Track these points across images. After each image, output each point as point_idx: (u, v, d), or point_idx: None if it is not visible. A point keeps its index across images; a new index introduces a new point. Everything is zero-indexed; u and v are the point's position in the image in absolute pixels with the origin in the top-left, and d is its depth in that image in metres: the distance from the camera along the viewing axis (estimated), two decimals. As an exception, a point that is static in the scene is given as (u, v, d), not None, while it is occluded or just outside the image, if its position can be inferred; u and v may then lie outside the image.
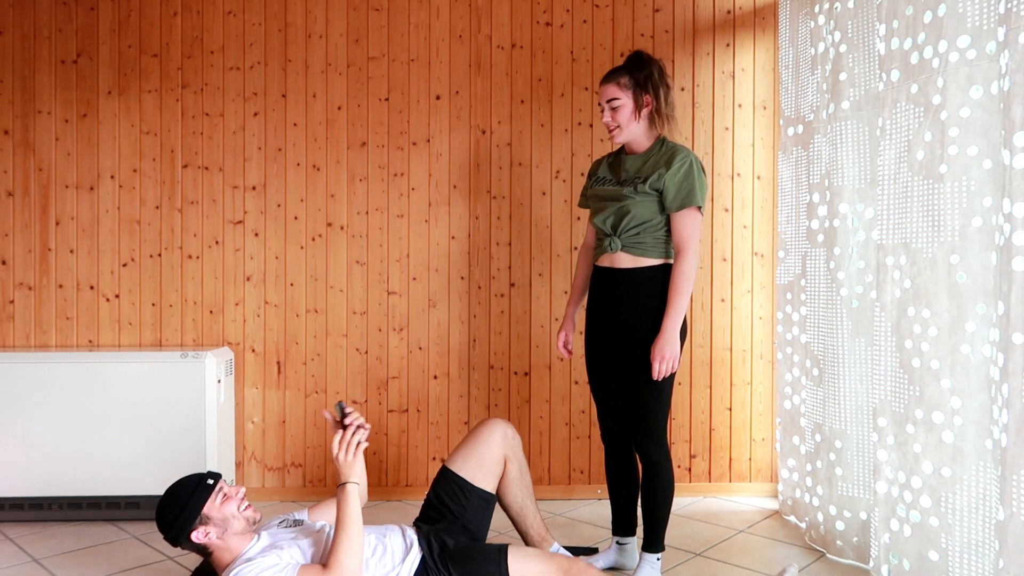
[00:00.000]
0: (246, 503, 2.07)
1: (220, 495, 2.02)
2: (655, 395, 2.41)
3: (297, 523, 2.21)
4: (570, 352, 2.72)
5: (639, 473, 2.59)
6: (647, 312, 2.40)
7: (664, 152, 2.44)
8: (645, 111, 2.45)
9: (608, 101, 2.46)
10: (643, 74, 2.44)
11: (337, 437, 2.04)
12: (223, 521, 2.00)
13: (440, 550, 2.12)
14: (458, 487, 2.34)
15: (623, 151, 2.57)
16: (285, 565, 1.92)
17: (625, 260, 2.45)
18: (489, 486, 2.38)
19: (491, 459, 2.38)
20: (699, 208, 2.40)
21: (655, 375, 2.34)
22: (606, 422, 2.60)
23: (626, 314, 2.44)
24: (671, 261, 2.43)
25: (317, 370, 3.46)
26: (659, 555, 2.49)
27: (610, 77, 2.47)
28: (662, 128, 2.47)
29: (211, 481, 2.04)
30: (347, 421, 2.08)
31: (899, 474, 2.25)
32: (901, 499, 2.25)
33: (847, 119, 2.62)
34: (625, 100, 2.44)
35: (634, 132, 2.48)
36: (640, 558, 2.52)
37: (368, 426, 2.10)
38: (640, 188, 2.40)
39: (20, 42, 3.40)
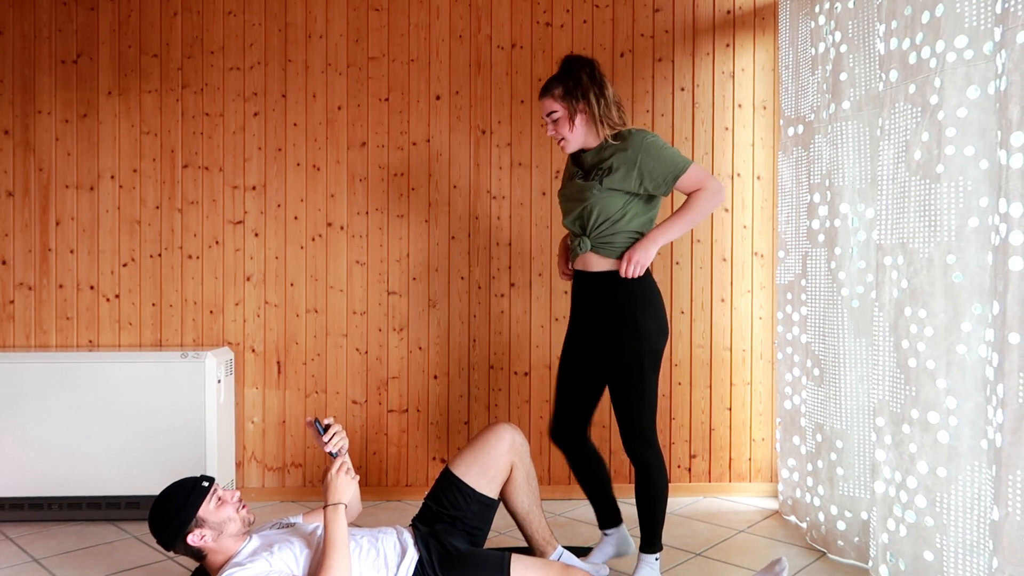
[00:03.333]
0: (242, 504, 2.07)
1: (215, 498, 2.02)
2: (637, 397, 2.40)
3: (290, 527, 2.19)
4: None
5: (604, 461, 2.62)
6: (623, 315, 2.39)
7: (619, 143, 2.40)
8: (582, 117, 2.41)
9: (548, 115, 2.44)
10: (572, 81, 2.40)
11: (338, 464, 2.05)
12: (218, 524, 2.00)
13: (440, 555, 2.11)
14: (459, 491, 2.32)
15: (582, 150, 2.53)
16: (277, 574, 1.92)
17: (596, 262, 2.44)
18: (492, 492, 2.35)
19: (496, 466, 2.35)
20: (690, 165, 2.38)
21: (621, 272, 2.35)
22: (559, 419, 2.58)
23: (602, 319, 2.43)
24: None
25: (317, 370, 3.46)
26: (657, 555, 2.49)
27: (545, 90, 2.44)
28: (600, 132, 2.41)
29: (206, 484, 2.04)
30: (326, 437, 2.11)
31: (896, 474, 2.25)
32: (898, 499, 2.24)
33: (848, 119, 2.62)
34: (561, 111, 2.41)
35: (579, 139, 2.45)
36: (639, 559, 2.51)
37: (347, 441, 2.14)
38: (605, 181, 2.37)
39: (20, 42, 3.41)
